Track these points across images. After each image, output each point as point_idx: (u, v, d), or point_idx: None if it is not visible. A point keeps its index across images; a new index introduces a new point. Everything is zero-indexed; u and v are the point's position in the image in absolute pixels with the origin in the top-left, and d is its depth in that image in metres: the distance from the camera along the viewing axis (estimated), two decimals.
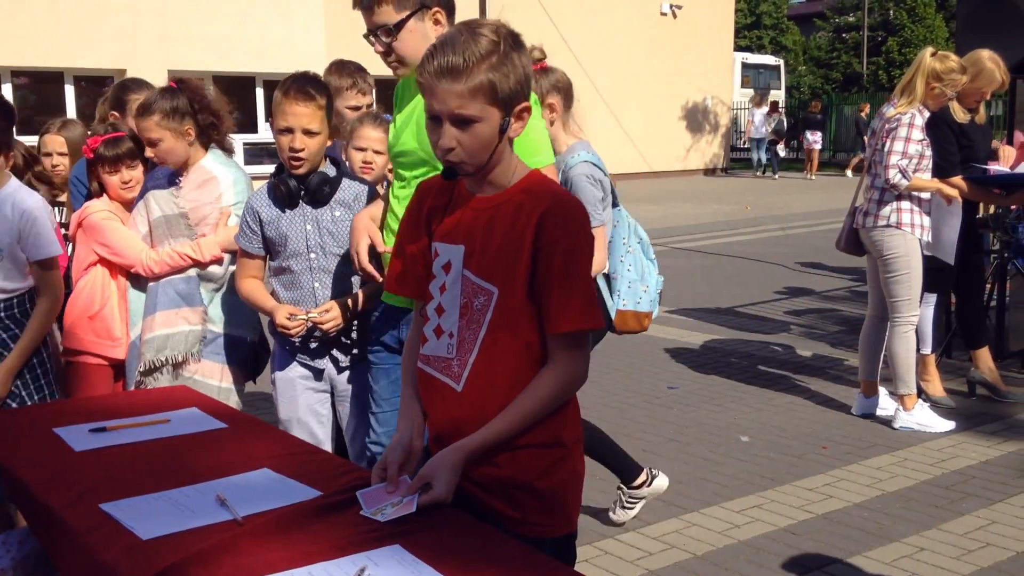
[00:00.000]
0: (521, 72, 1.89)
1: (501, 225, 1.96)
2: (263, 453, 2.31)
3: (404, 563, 1.69)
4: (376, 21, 2.79)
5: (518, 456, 1.98)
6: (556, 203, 1.96)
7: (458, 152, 1.91)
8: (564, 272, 1.92)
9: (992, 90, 5.35)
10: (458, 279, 2.00)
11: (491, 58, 1.85)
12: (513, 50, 1.88)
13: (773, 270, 10.68)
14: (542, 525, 2.01)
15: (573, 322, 1.94)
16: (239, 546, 1.75)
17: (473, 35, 1.87)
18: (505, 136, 1.92)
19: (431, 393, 2.07)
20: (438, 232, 2.05)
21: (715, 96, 25.90)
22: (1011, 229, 5.87)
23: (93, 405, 2.80)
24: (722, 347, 7.09)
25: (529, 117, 1.95)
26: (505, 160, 1.98)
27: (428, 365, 2.07)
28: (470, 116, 1.87)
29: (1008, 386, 5.70)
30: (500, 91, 1.86)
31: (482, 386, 1.98)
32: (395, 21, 2.78)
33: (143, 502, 2.00)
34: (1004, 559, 3.63)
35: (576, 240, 1.95)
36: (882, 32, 40.08)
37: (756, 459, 4.76)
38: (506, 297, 1.95)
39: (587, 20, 22.76)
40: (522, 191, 1.98)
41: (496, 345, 1.97)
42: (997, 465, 4.63)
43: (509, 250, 1.94)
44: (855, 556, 3.67)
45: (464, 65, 1.84)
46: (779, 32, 44.11)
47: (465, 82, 1.85)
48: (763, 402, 5.73)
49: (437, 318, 2.04)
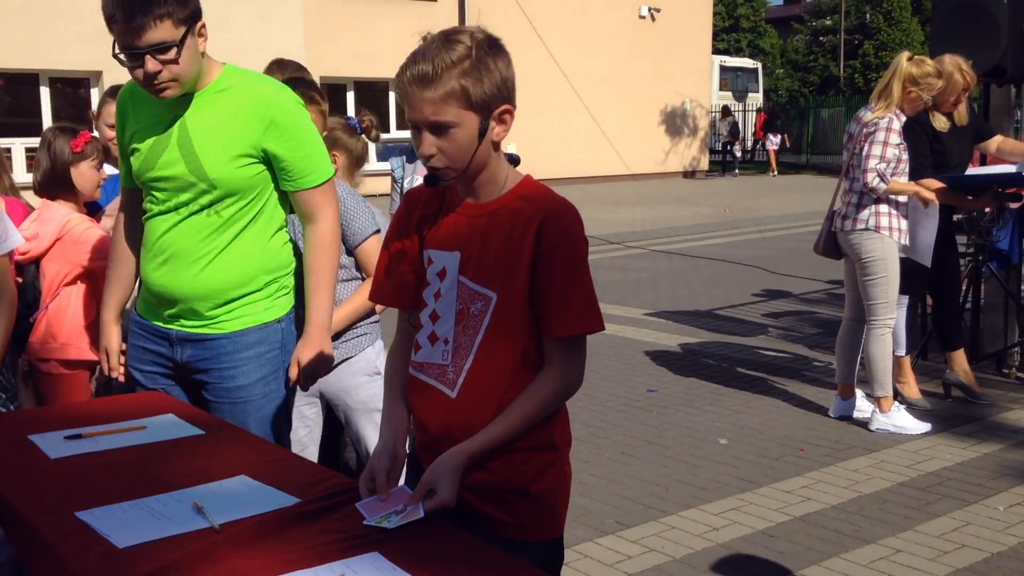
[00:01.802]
0: (498, 76, 1.90)
1: (499, 231, 1.97)
2: (240, 460, 2.30)
3: (383, 570, 1.68)
4: (151, 40, 2.54)
5: (512, 460, 1.98)
6: (556, 209, 1.97)
7: (438, 158, 1.92)
8: (565, 276, 1.94)
9: (959, 92, 5.40)
10: (454, 285, 2.01)
11: (463, 64, 1.86)
12: (488, 55, 1.89)
13: (751, 273, 10.74)
14: (535, 528, 2.02)
15: (573, 326, 1.95)
16: (217, 554, 1.74)
17: (445, 43, 1.88)
18: (486, 140, 1.93)
19: (424, 400, 2.06)
20: (431, 239, 2.05)
21: (694, 99, 26.01)
22: (985, 232, 5.93)
23: (69, 412, 2.77)
24: (701, 350, 7.11)
25: (511, 121, 1.96)
26: (493, 165, 1.99)
27: (422, 372, 2.06)
28: (445, 122, 1.89)
29: (983, 388, 5.76)
30: (474, 96, 1.88)
31: (477, 392, 1.98)
32: (176, 39, 2.57)
33: (119, 510, 1.98)
34: (979, 560, 3.67)
35: (576, 245, 1.97)
36: (859, 36, 40.41)
37: (734, 461, 4.78)
38: (505, 302, 1.96)
39: (566, 23, 22.80)
40: (518, 197, 1.99)
41: (493, 350, 1.97)
42: (972, 467, 4.67)
43: (508, 255, 1.95)
44: (832, 558, 3.70)
45: (434, 72, 1.86)
46: (757, 35, 44.37)
47: (436, 89, 1.86)
48: (741, 404, 5.76)
49: (431, 325, 2.04)
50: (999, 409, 5.55)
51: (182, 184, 2.75)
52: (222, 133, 2.74)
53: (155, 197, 2.82)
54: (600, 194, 19.49)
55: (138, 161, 2.80)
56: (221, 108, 2.76)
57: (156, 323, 2.92)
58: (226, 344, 2.87)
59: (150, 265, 2.88)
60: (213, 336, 2.87)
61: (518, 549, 1.93)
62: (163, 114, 2.77)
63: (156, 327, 2.92)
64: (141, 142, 2.79)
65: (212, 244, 2.81)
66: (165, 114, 2.77)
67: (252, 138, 2.75)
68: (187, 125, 2.75)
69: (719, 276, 10.58)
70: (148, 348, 2.95)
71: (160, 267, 2.85)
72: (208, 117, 2.75)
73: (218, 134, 2.74)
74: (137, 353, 2.97)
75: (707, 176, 26.25)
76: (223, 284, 2.85)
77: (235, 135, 2.75)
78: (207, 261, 2.81)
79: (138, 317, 2.97)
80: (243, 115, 2.75)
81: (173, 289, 2.85)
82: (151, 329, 2.94)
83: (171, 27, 2.55)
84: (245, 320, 2.89)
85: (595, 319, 1.97)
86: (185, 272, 2.82)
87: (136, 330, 2.97)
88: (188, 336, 2.88)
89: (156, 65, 2.57)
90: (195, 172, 2.74)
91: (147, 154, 2.78)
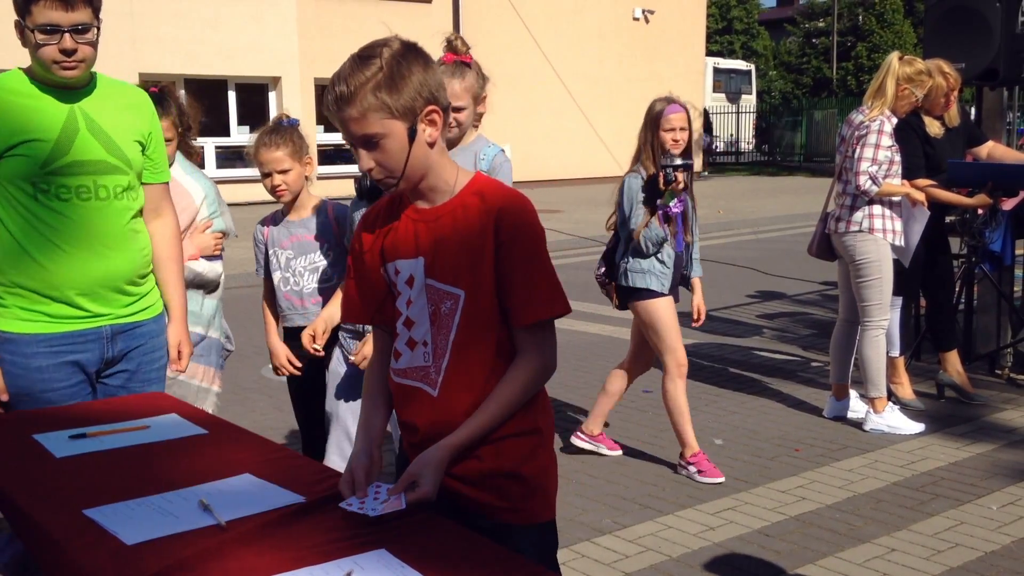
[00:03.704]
0: (415, 81, 1.95)
1: (458, 228, 2.03)
2: (244, 458, 2.32)
3: (390, 567, 1.70)
4: (75, 20, 2.75)
5: (500, 447, 2.04)
6: (510, 200, 2.04)
7: (377, 170, 2.00)
8: (526, 265, 2.01)
9: (947, 94, 5.44)
10: (422, 290, 2.06)
11: (376, 78, 1.92)
12: (401, 64, 1.94)
13: (745, 274, 10.77)
14: (528, 511, 2.08)
15: (539, 312, 2.02)
16: (226, 551, 1.76)
17: (357, 61, 1.95)
18: (418, 143, 1.97)
19: (410, 403, 2.11)
20: (393, 251, 2.10)
21: (687, 101, 25.98)
22: (978, 234, 5.96)
23: (72, 412, 2.79)
24: (695, 351, 7.14)
25: (441, 120, 2.00)
26: (437, 166, 2.04)
27: (405, 377, 2.11)
28: (372, 134, 1.95)
29: (976, 388, 5.79)
30: (393, 105, 1.93)
31: (457, 387, 2.03)
32: (95, 24, 2.82)
33: (126, 508, 2.00)
34: (973, 559, 3.70)
35: (533, 231, 2.03)
36: (851, 37, 40.50)
37: (730, 462, 4.81)
38: (473, 298, 2.02)
39: (559, 25, 22.83)
40: (472, 194, 2.05)
41: (467, 346, 2.03)
42: (966, 466, 4.70)
43: (471, 251, 2.01)
44: (827, 557, 3.72)
45: (350, 92, 1.93)
46: (750, 37, 44.43)
47: (355, 107, 1.93)
48: (736, 405, 5.78)
49: (407, 331, 2.10)
50: (992, 409, 5.59)
51: (103, 167, 2.89)
52: (123, 120, 2.96)
53: (66, 187, 2.85)
54: (593, 195, 19.50)
55: (42, 152, 2.81)
56: (112, 100, 2.97)
57: (80, 328, 2.95)
58: (153, 328, 3.11)
59: (78, 257, 2.89)
60: (143, 322, 3.08)
61: (514, 533, 2.01)
62: (53, 107, 2.85)
63: (79, 333, 2.95)
64: (37, 135, 2.81)
65: (130, 225, 3.00)
66: (55, 107, 2.86)
67: (142, 127, 3.03)
68: (89, 114, 2.89)
69: (713, 277, 10.59)
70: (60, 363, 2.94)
71: (96, 254, 2.92)
72: (107, 107, 2.94)
73: (120, 120, 2.96)
74: (44, 374, 2.93)
75: (700, 177, 26.31)
76: (142, 262, 3.05)
77: (132, 122, 2.99)
78: (130, 241, 3.00)
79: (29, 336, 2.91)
80: (132, 106, 3.03)
81: (112, 274, 2.96)
82: (70, 339, 2.94)
83: (91, 13, 2.80)
84: (159, 304, 3.15)
85: (560, 303, 2.05)
86: (123, 254, 2.98)
87: (38, 351, 2.91)
88: (121, 328, 3.02)
89: (74, 43, 2.77)
90: (113, 153, 2.91)
91: (55, 144, 2.83)
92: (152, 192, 3.11)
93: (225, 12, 17.84)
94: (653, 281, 4.72)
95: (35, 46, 2.75)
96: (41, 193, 2.84)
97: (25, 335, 2.91)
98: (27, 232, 2.85)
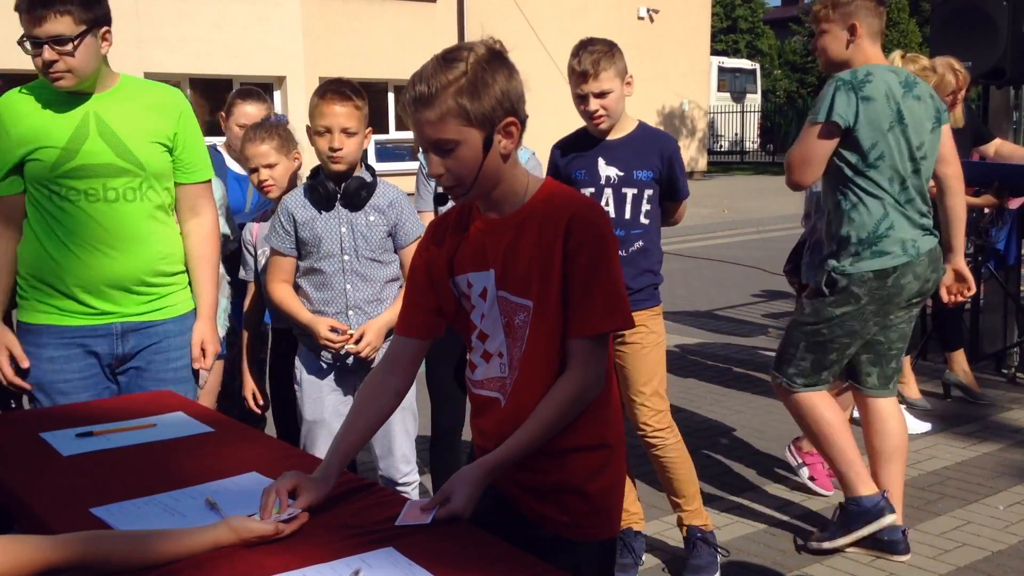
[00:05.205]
0: (497, 90, 1.89)
1: (527, 239, 1.97)
2: (250, 457, 2.33)
3: (398, 565, 1.70)
4: (49, 31, 2.79)
5: (564, 461, 1.99)
6: (580, 208, 1.97)
7: (447, 177, 1.94)
8: (588, 274, 1.94)
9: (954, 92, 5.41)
10: (495, 302, 2.02)
11: (459, 82, 1.86)
12: (486, 70, 1.88)
13: (750, 273, 10.76)
14: (590, 528, 2.03)
15: (592, 327, 1.95)
16: (233, 550, 1.76)
17: (442, 62, 1.89)
18: (493, 154, 1.92)
19: (485, 413, 2.08)
20: (463, 264, 2.05)
21: (692, 100, 26.03)
22: (985, 233, 5.95)
23: (78, 410, 2.79)
24: (700, 350, 7.14)
25: (518, 132, 1.96)
26: (509, 176, 1.98)
27: (482, 388, 2.08)
28: (447, 140, 1.90)
29: (982, 388, 5.78)
30: (472, 112, 1.88)
31: (523, 398, 1.99)
32: (74, 34, 2.81)
33: (133, 506, 2.01)
34: (980, 559, 3.69)
35: (603, 241, 1.96)
36: None
37: (735, 461, 4.80)
38: (542, 308, 1.97)
39: (564, 24, 22.80)
40: (541, 202, 1.99)
41: (536, 356, 1.98)
42: (972, 466, 4.69)
43: (541, 261, 1.96)
44: (833, 556, 3.71)
45: (430, 93, 1.87)
46: (755, 36, 44.37)
47: (434, 109, 1.88)
48: (742, 404, 5.78)
49: (482, 344, 2.06)
50: (998, 409, 5.58)
51: (112, 170, 2.93)
52: (140, 122, 2.99)
53: (75, 190, 2.93)
54: None
55: (51, 156, 2.91)
56: (132, 102, 3.01)
57: (90, 323, 3.01)
58: (172, 328, 3.12)
59: (86, 256, 2.97)
60: (159, 321, 3.09)
61: (574, 549, 1.95)
62: (66, 113, 2.93)
63: (89, 328, 3.01)
64: (47, 141, 2.91)
65: (146, 227, 3.02)
66: (69, 112, 2.93)
67: (165, 128, 3.04)
68: (103, 117, 2.95)
69: (718, 277, 10.60)
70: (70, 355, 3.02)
71: (103, 255, 2.97)
72: (122, 110, 2.97)
73: (137, 122, 2.98)
74: (56, 365, 3.02)
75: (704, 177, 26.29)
76: (161, 263, 3.07)
77: (153, 123, 3.01)
78: (144, 242, 3.02)
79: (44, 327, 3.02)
80: (155, 108, 3.05)
81: (120, 274, 2.99)
82: (80, 333, 3.01)
83: (71, 23, 2.80)
84: (186, 304, 3.16)
85: (620, 316, 1.97)
86: (131, 255, 3.00)
87: (50, 342, 3.01)
88: (133, 326, 3.05)
89: (52, 54, 2.81)
90: (123, 156, 2.94)
91: (63, 148, 2.91)
92: (186, 192, 3.13)
93: (230, 12, 17.84)
94: None
95: (32, 57, 2.86)
96: (54, 195, 2.95)
97: (39, 325, 3.03)
98: (44, 230, 2.98)
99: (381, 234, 3.27)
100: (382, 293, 3.30)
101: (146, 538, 1.72)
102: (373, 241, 3.26)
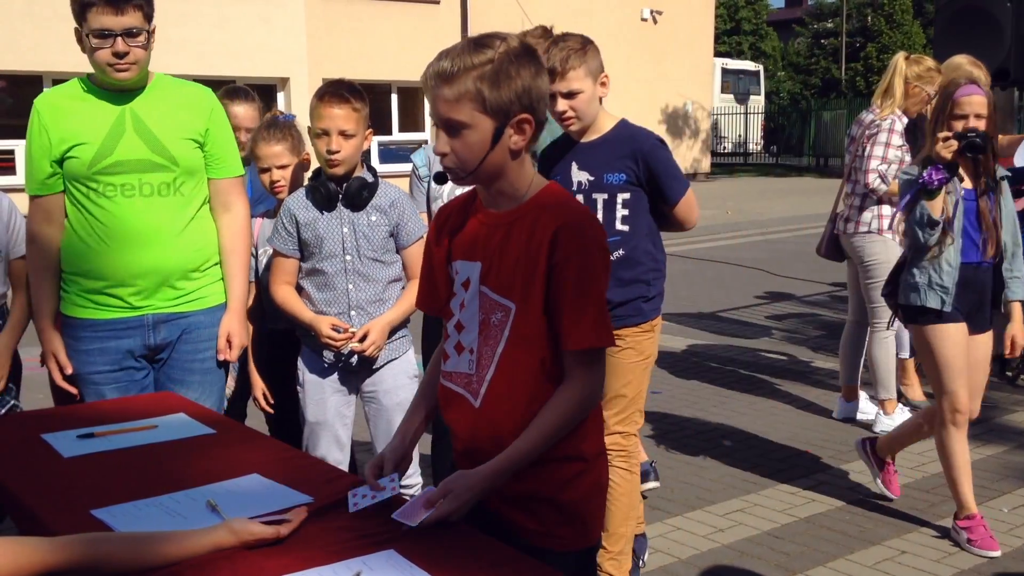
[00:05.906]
0: (520, 85, 1.88)
1: (517, 240, 1.97)
2: (252, 458, 2.32)
3: (399, 568, 1.70)
4: (127, 24, 2.91)
5: (541, 471, 1.98)
6: (570, 218, 1.96)
7: (450, 157, 1.94)
8: (577, 289, 1.92)
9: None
10: (476, 296, 2.01)
11: (483, 67, 1.86)
12: (513, 63, 1.88)
13: (754, 275, 10.75)
14: (564, 538, 2.02)
15: (586, 339, 1.94)
16: (234, 552, 1.75)
17: (472, 45, 1.89)
18: (500, 146, 1.92)
19: (453, 408, 2.08)
20: (456, 250, 2.07)
21: (695, 101, 26.03)
22: None
23: (80, 411, 2.79)
24: (704, 352, 7.13)
25: (531, 131, 1.94)
26: (513, 172, 1.98)
27: (450, 381, 2.08)
28: (458, 121, 1.90)
29: (986, 391, 5.75)
30: (489, 100, 1.87)
31: (499, 402, 1.98)
32: (145, 28, 2.96)
33: (134, 508, 2.00)
34: (983, 561, 3.68)
35: (589, 256, 1.94)
36: (860, 38, 40.44)
37: (739, 463, 4.79)
38: (523, 313, 1.96)
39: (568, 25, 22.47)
40: (538, 206, 1.98)
41: (513, 361, 1.97)
42: (976, 469, 4.66)
43: (526, 265, 1.95)
44: (837, 559, 3.71)
45: (452, 71, 1.87)
46: (758, 38, 44.36)
47: (452, 88, 1.87)
48: (745, 406, 5.77)
49: (457, 335, 2.06)
50: (1002, 412, 5.56)
51: (147, 165, 3.01)
52: (174, 118, 3.07)
53: (112, 185, 3.01)
54: None
55: (88, 153, 2.99)
56: (165, 100, 3.09)
57: (122, 316, 3.08)
58: (202, 319, 3.17)
59: (122, 251, 3.03)
60: (190, 312, 3.15)
61: (549, 558, 1.90)
62: (102, 110, 3.02)
63: (121, 320, 3.08)
64: (85, 139, 3.00)
65: (180, 221, 3.09)
66: (105, 110, 3.02)
67: (197, 124, 3.12)
68: (138, 114, 3.03)
69: (722, 278, 10.59)
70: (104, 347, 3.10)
71: (140, 249, 3.04)
72: (157, 107, 3.09)
73: (170, 119, 3.06)
74: (91, 357, 3.11)
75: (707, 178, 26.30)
76: (194, 257, 3.13)
77: (185, 120, 3.11)
78: (179, 236, 3.08)
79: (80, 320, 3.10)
80: (187, 104, 3.14)
81: (155, 268, 3.06)
82: (112, 326, 3.08)
83: (141, 17, 2.94)
84: (218, 297, 3.21)
85: (604, 334, 1.96)
86: (167, 250, 3.06)
87: (85, 335, 3.10)
88: (164, 317, 3.11)
89: (125, 46, 2.92)
90: (158, 152, 3.02)
91: (100, 145, 2.99)
92: (219, 186, 3.19)
93: (233, 13, 17.86)
94: (931, 298, 3.82)
95: (91, 50, 2.93)
96: (92, 191, 3.02)
97: (77, 319, 3.11)
98: (83, 225, 3.06)
99: (383, 234, 3.27)
100: (384, 293, 3.30)
101: (147, 540, 1.72)
102: (375, 241, 3.26)
